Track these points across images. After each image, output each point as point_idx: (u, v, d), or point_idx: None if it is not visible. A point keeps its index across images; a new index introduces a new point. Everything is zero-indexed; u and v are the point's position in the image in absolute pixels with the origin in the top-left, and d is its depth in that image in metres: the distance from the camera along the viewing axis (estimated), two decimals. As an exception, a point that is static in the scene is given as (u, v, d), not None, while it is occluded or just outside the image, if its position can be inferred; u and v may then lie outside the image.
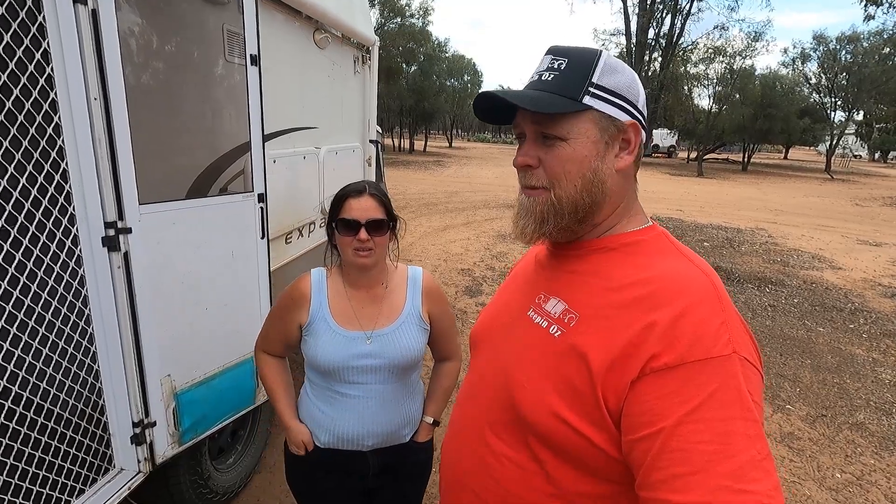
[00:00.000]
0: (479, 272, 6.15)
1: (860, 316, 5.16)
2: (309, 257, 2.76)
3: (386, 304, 1.34)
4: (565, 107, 0.71)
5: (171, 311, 1.62)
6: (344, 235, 1.26)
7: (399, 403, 1.36)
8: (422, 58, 27.28)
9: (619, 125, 0.73)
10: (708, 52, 22.67)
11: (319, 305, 1.30)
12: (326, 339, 1.27)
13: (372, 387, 1.30)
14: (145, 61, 1.46)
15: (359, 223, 1.24)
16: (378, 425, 1.32)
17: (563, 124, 0.72)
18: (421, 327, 1.36)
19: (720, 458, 0.56)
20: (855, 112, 30.32)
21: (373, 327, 1.31)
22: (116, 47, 1.32)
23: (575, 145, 0.72)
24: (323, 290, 1.32)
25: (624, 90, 0.73)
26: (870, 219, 12.10)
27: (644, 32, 20.15)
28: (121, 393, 1.51)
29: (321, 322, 1.29)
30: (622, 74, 0.73)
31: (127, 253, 1.44)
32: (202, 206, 1.68)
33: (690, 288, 0.66)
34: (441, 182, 15.67)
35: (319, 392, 1.34)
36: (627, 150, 0.74)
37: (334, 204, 1.30)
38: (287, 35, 2.38)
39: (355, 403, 1.30)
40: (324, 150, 2.80)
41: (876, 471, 2.76)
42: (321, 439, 1.33)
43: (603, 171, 0.73)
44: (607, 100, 0.72)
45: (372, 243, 1.25)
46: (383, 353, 1.29)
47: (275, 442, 2.69)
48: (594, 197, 0.73)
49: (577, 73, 0.72)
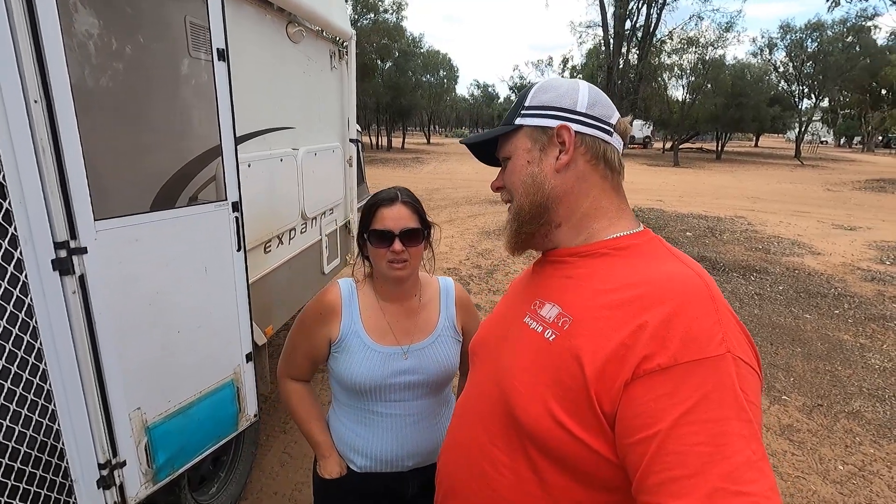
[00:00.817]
0: (466, 270, 6.03)
1: (844, 301, 5.21)
2: (292, 265, 2.59)
3: (421, 317, 1.27)
4: (499, 131, 0.85)
5: (139, 338, 1.45)
6: (377, 247, 1.17)
7: (436, 419, 1.29)
8: (396, 54, 26.99)
9: (549, 132, 0.79)
10: (681, 43, 22.93)
11: (351, 320, 1.21)
12: (361, 357, 1.18)
13: (410, 403, 1.23)
14: (96, 58, 1.29)
15: (392, 234, 1.15)
16: (418, 444, 1.25)
17: (505, 146, 0.85)
18: (455, 339, 1.30)
19: (716, 461, 0.55)
20: (820, 99, 31.20)
21: (409, 342, 1.23)
22: (59, 42, 1.15)
23: (514, 159, 0.83)
24: (354, 302, 1.23)
25: (554, 102, 0.80)
26: (842, 203, 12.40)
27: (621, 23, 20.17)
28: (83, 433, 1.34)
29: (354, 338, 1.20)
30: (553, 90, 0.81)
31: (83, 276, 1.27)
32: (170, 219, 1.51)
33: (683, 288, 0.66)
34: (421, 179, 15.51)
35: (352, 413, 1.25)
36: (564, 150, 0.78)
37: (365, 213, 1.21)
38: (258, 28, 2.21)
39: (393, 423, 1.23)
40: (302, 152, 2.64)
41: (877, 460, 2.74)
42: (357, 463, 1.24)
43: (541, 175, 0.80)
44: (535, 114, 0.81)
45: (407, 254, 1.16)
46: (421, 368, 1.22)
47: (260, 465, 2.53)
48: (535, 198, 0.80)
49: (517, 104, 0.84)
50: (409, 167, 19.76)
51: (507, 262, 6.35)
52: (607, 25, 20.84)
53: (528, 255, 0.91)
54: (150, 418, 1.51)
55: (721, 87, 25.57)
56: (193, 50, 1.62)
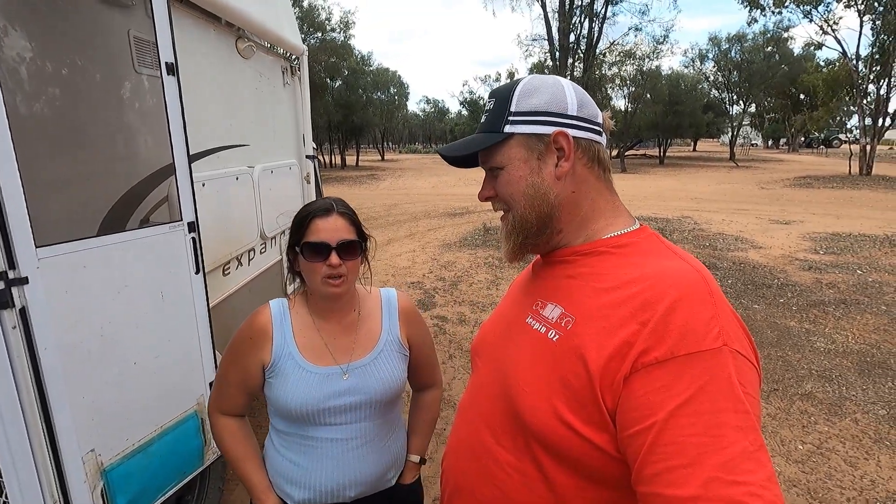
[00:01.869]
0: (430, 283, 6.00)
1: (787, 290, 5.54)
2: (252, 287, 2.49)
3: (361, 333, 1.18)
4: (487, 141, 0.79)
5: (89, 373, 1.34)
6: (312, 261, 1.08)
7: (382, 443, 1.19)
8: (346, 72, 26.92)
9: (545, 139, 0.77)
10: (620, 56, 24.11)
11: (284, 341, 1.11)
12: (296, 380, 1.09)
13: (352, 426, 1.13)
14: (32, 76, 1.20)
15: (329, 246, 1.07)
16: (361, 472, 1.15)
17: (496, 155, 0.80)
18: (401, 354, 1.22)
19: (712, 451, 0.56)
20: (748, 105, 33.57)
21: (348, 360, 1.14)
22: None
23: (510, 170, 0.79)
24: (286, 322, 1.14)
25: (543, 107, 0.77)
26: (776, 200, 13.28)
27: (565, 36, 20.98)
28: (29, 483, 1.21)
29: (287, 360, 1.10)
30: (540, 94, 0.78)
31: (24, 309, 1.16)
32: (120, 243, 1.42)
33: (681, 283, 0.67)
34: (378, 195, 15.42)
35: (288, 441, 1.14)
36: (564, 157, 0.77)
37: (296, 225, 1.12)
38: (205, 43, 2.13)
39: (333, 448, 1.13)
40: (258, 169, 2.55)
41: (831, 437, 2.90)
42: (295, 497, 1.14)
43: (543, 185, 0.78)
44: (526, 122, 0.77)
45: (344, 268, 1.08)
46: (363, 387, 1.13)
47: (228, 501, 2.38)
48: (541, 209, 0.78)
49: (499, 109, 0.80)
50: (364, 184, 19.60)
51: (471, 273, 6.38)
52: (553, 39, 21.63)
53: (489, 263, 0.90)
54: (107, 460, 1.39)
55: (659, 96, 27.07)
56: (139, 65, 1.54)
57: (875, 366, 3.74)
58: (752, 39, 28.68)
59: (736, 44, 29.64)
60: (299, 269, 1.15)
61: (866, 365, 3.76)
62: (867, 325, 4.48)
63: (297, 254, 1.13)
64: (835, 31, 18.89)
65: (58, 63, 1.29)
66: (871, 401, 3.27)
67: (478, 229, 9.00)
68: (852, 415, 3.12)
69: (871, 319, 4.59)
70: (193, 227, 1.64)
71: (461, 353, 4.09)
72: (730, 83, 31.02)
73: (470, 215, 10.88)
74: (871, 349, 4.01)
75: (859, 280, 5.72)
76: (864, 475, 2.56)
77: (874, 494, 2.43)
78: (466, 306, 5.18)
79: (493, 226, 9.05)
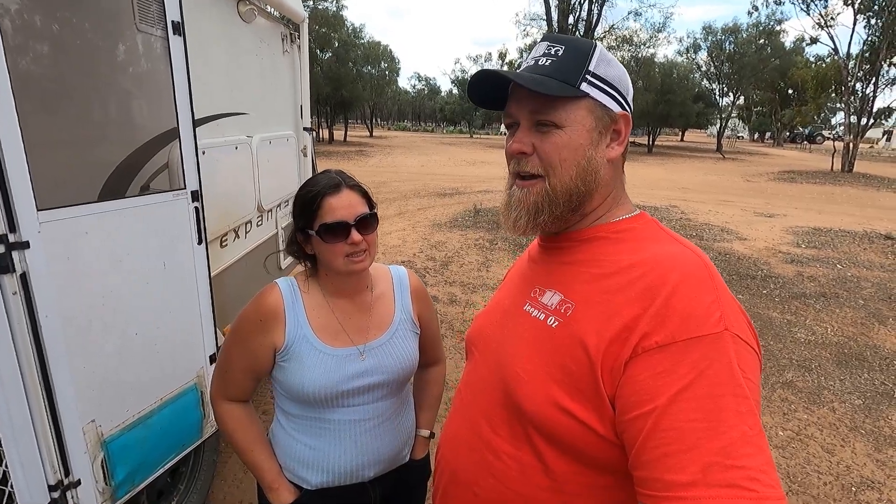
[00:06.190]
0: (421, 263, 5.99)
1: (770, 281, 5.67)
2: (249, 260, 2.44)
3: (375, 312, 1.16)
4: (563, 90, 0.71)
5: (91, 342, 1.30)
6: (332, 243, 1.02)
7: (397, 421, 1.19)
8: (336, 44, 26.23)
9: (612, 115, 0.74)
10: (617, 42, 23.95)
11: (297, 323, 1.07)
12: (313, 363, 1.05)
13: (369, 407, 1.12)
14: (32, 35, 1.13)
15: (348, 224, 1.02)
16: (379, 450, 1.15)
17: (559, 111, 0.72)
18: (414, 332, 1.21)
19: (711, 436, 0.56)
20: (738, 97, 33.82)
21: (365, 340, 1.12)
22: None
23: (571, 132, 0.72)
24: (298, 303, 1.10)
25: (616, 81, 0.74)
26: (760, 193, 13.49)
27: (564, 17, 20.71)
28: (29, 453, 1.18)
29: (303, 343, 1.06)
30: (616, 67, 0.75)
31: (25, 274, 1.11)
32: (121, 210, 1.36)
33: (682, 268, 0.67)
34: (367, 173, 15.21)
35: (302, 425, 1.12)
36: (618, 140, 0.76)
37: (305, 207, 1.05)
38: (206, 3, 2.04)
39: (350, 429, 1.11)
40: (256, 139, 2.48)
41: (810, 425, 3.00)
42: (312, 481, 1.12)
43: (596, 160, 0.74)
44: (602, 89, 0.73)
45: (365, 243, 1.04)
46: (381, 367, 1.11)
47: (222, 473, 2.38)
48: (588, 185, 0.74)
49: (575, 61, 0.72)
50: (353, 160, 19.32)
51: (462, 254, 6.38)
52: (551, 19, 21.33)
53: (480, 245, 0.87)
54: (107, 431, 1.37)
55: (652, 84, 27.05)
56: (140, 23, 1.46)
57: (852, 357, 3.87)
58: (746, 31, 28.76)
59: (730, 35, 29.69)
60: (312, 252, 1.09)
61: (844, 356, 3.88)
62: (846, 318, 4.62)
63: (308, 236, 1.06)
64: (831, 26, 19.00)
65: (58, 22, 1.21)
66: (848, 390, 3.39)
67: (468, 210, 8.97)
68: (830, 403, 3.23)
69: (850, 313, 4.74)
70: (197, 196, 1.59)
71: (451, 333, 4.10)
72: (721, 74, 31.14)
73: (460, 196, 10.83)
74: (848, 341, 4.14)
75: (839, 274, 5.88)
76: (840, 461, 2.67)
77: (849, 480, 2.53)
78: (457, 287, 5.19)
79: (483, 208, 9.03)
